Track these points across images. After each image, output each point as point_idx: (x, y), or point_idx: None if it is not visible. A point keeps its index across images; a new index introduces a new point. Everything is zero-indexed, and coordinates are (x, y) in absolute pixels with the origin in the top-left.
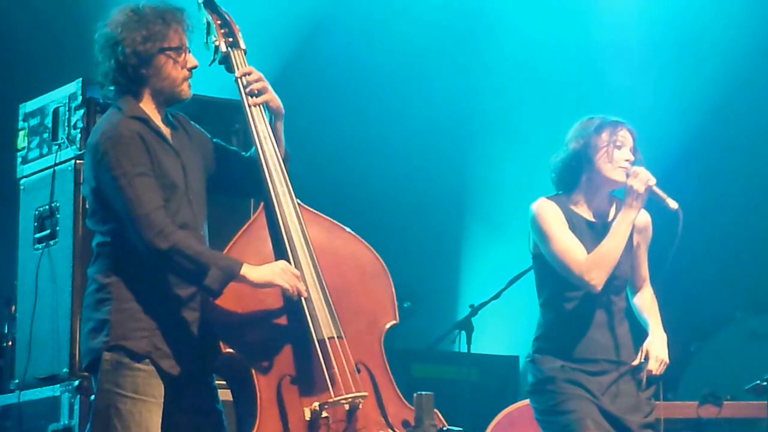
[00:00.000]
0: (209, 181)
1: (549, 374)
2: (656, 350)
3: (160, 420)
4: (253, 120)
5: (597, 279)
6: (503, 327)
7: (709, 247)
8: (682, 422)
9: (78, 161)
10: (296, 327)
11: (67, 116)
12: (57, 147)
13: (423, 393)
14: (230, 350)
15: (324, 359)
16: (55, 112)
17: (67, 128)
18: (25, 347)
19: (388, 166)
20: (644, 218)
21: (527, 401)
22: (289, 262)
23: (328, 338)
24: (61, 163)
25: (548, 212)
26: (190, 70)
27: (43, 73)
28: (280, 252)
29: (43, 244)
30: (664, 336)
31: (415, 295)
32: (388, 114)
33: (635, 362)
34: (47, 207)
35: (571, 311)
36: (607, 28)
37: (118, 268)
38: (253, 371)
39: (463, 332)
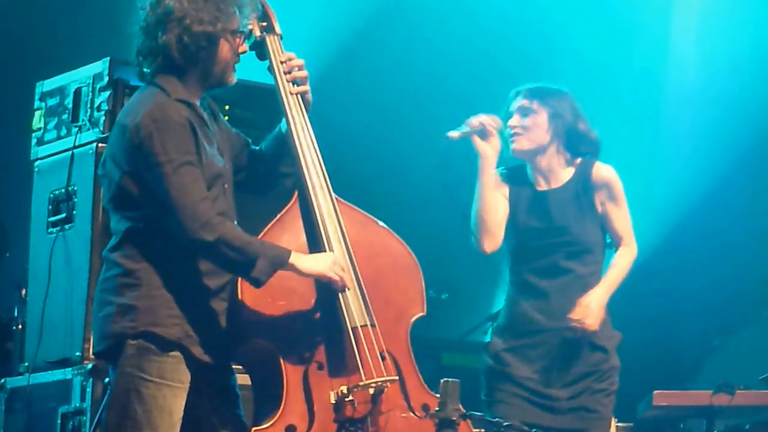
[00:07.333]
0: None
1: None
2: (583, 301)
3: (184, 404)
4: (291, 109)
5: None
6: None
7: (742, 246)
8: (695, 409)
9: (100, 144)
10: (327, 314)
11: (90, 97)
12: (77, 129)
13: (449, 379)
14: (259, 337)
15: (356, 345)
16: (77, 92)
17: (89, 110)
18: (36, 331)
19: (425, 157)
20: (600, 174)
21: None
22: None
23: (361, 326)
24: (81, 146)
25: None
26: (239, 55)
27: (62, 51)
28: (315, 243)
29: (58, 228)
30: (600, 294)
31: (451, 286)
32: (427, 107)
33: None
34: (63, 190)
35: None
36: (666, 34)
37: (149, 254)
38: (281, 357)
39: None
